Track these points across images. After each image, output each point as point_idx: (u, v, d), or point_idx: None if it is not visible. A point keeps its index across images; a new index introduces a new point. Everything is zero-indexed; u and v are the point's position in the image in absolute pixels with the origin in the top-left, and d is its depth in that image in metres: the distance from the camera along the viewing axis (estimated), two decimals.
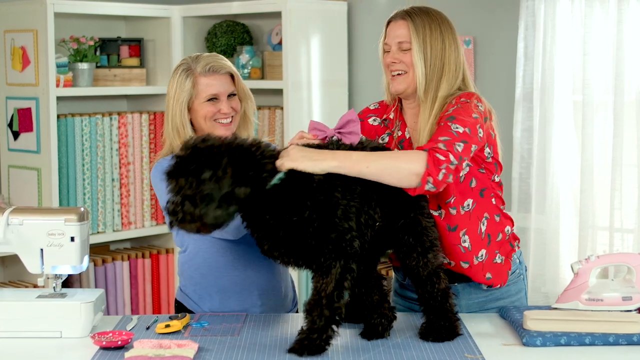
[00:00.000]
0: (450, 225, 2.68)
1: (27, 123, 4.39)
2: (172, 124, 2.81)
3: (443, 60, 2.67)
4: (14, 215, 2.58)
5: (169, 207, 2.33)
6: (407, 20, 2.68)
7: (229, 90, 2.81)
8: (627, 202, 3.82)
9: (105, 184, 4.61)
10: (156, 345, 2.37)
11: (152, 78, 4.90)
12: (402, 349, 2.42)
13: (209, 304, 2.84)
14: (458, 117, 2.57)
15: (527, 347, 2.42)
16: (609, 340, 2.42)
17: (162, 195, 2.78)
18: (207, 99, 2.78)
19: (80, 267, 2.62)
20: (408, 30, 2.68)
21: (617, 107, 3.78)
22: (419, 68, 2.66)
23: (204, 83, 2.78)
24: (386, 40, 2.73)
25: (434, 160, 2.46)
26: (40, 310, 2.55)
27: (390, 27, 2.73)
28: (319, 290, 2.37)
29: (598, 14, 3.82)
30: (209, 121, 2.79)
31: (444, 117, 2.60)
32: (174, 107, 2.80)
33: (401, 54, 2.69)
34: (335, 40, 4.64)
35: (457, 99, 2.65)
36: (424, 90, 2.67)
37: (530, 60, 3.99)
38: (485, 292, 2.78)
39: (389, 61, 2.71)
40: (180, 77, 2.79)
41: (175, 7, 4.80)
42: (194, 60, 2.81)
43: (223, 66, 2.81)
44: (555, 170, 3.97)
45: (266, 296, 2.84)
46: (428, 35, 2.67)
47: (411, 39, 2.67)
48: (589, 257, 2.68)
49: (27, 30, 4.33)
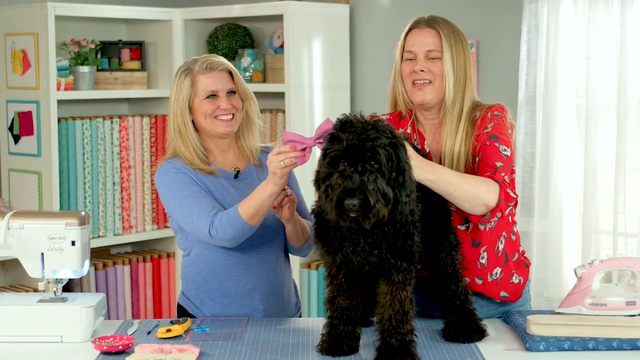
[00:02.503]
0: (475, 240, 2.68)
1: (27, 126, 4.39)
2: (174, 124, 2.81)
3: (466, 72, 2.67)
4: (14, 219, 2.59)
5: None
6: (436, 29, 2.66)
7: (228, 87, 2.81)
8: (631, 206, 3.81)
9: (106, 187, 4.61)
10: (157, 350, 2.37)
11: (153, 81, 4.90)
12: None
13: (211, 308, 2.83)
14: (500, 136, 2.61)
15: (530, 352, 2.41)
16: (613, 345, 2.41)
17: (167, 198, 2.78)
18: (205, 96, 2.78)
19: (81, 271, 2.62)
20: (438, 39, 2.65)
21: (620, 110, 3.78)
22: (450, 78, 2.63)
23: (202, 80, 2.79)
24: (410, 48, 2.68)
25: (506, 196, 2.52)
26: (41, 314, 2.54)
27: (414, 35, 2.68)
28: (403, 300, 2.33)
29: (601, 17, 3.82)
30: (209, 118, 2.79)
31: (484, 134, 2.61)
32: (175, 107, 2.81)
33: (429, 62, 2.65)
34: (337, 43, 4.64)
35: (491, 113, 2.65)
36: (452, 101, 2.65)
37: (533, 64, 3.99)
38: (495, 304, 2.78)
39: (417, 69, 2.65)
40: (180, 79, 2.81)
41: (177, 10, 4.80)
42: (193, 62, 2.83)
43: (220, 63, 2.83)
44: (558, 174, 3.96)
45: (268, 301, 2.83)
46: (453, 45, 2.66)
47: (442, 48, 2.64)
48: (592, 261, 2.69)
49: (28, 33, 4.33)
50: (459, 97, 2.65)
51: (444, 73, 2.64)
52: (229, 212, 2.66)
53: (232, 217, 2.64)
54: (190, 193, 2.73)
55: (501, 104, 2.70)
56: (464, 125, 2.65)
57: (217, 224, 2.66)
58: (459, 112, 2.65)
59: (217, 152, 2.86)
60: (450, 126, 2.65)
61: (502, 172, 2.55)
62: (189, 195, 2.73)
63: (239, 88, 2.84)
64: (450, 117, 2.65)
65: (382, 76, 4.54)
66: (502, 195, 2.51)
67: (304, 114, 4.53)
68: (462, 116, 2.65)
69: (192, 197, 2.72)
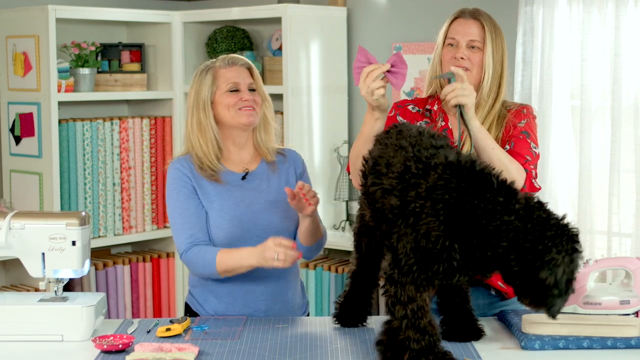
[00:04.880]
0: None
1: (28, 128, 4.41)
2: (194, 119, 2.83)
3: (502, 65, 2.79)
4: (15, 220, 2.59)
5: None
6: (480, 21, 2.77)
7: (249, 82, 2.85)
8: (625, 206, 3.82)
9: (106, 188, 4.63)
10: (157, 349, 2.37)
11: (152, 83, 4.92)
12: None
13: (214, 306, 2.84)
14: (531, 133, 2.74)
15: (526, 351, 2.42)
16: (607, 343, 2.42)
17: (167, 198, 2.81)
18: (228, 89, 2.82)
19: (81, 271, 2.63)
20: (482, 30, 2.76)
21: (614, 112, 3.79)
22: (490, 69, 2.75)
23: (224, 74, 2.83)
24: (453, 35, 2.78)
25: (530, 185, 2.65)
26: (41, 313, 2.55)
27: (458, 24, 2.79)
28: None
29: (596, 20, 3.83)
30: (232, 109, 2.81)
31: (518, 128, 2.73)
32: (195, 102, 2.83)
33: (470, 51, 2.76)
34: (335, 46, 4.65)
35: (526, 109, 2.79)
36: (488, 90, 2.76)
37: (528, 66, 4.01)
38: (492, 297, 2.80)
39: (458, 56, 2.75)
40: (200, 76, 2.85)
41: (176, 13, 4.82)
42: (214, 61, 2.88)
43: (241, 59, 2.89)
44: (553, 175, 3.98)
45: (270, 302, 2.84)
46: (494, 39, 2.78)
47: (485, 39, 2.76)
48: (587, 261, 2.68)
49: (29, 35, 4.34)
50: (494, 88, 2.77)
51: (484, 64, 2.75)
52: (207, 253, 2.71)
53: (208, 260, 2.71)
54: (181, 209, 2.78)
55: (531, 106, 2.86)
56: (495, 115, 2.77)
57: (191, 255, 2.73)
58: (492, 101, 2.77)
59: (234, 150, 2.87)
60: (482, 112, 2.76)
61: (531, 165, 2.68)
62: (179, 210, 2.78)
63: (258, 86, 2.88)
64: (484, 105, 2.76)
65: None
66: (528, 182, 2.63)
67: (302, 115, 4.55)
68: (495, 105, 2.77)
69: (180, 214, 2.78)
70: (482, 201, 2.12)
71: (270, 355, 2.40)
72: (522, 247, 2.07)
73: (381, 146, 2.41)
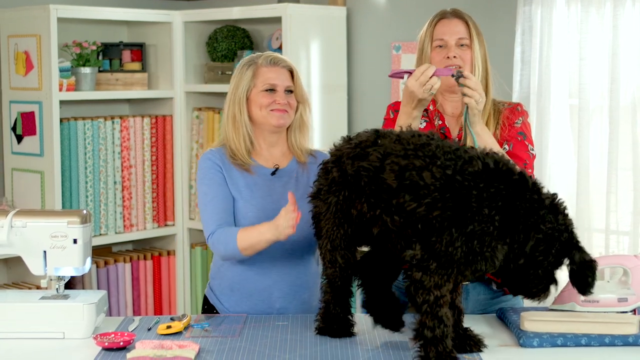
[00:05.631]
0: None
1: (30, 127, 4.42)
2: (230, 112, 2.86)
3: (486, 63, 2.85)
4: (17, 218, 2.61)
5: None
6: (464, 19, 2.82)
7: (287, 84, 2.87)
8: (623, 204, 3.83)
9: (107, 186, 4.64)
10: (157, 346, 2.38)
11: (153, 82, 4.93)
12: (400, 350, 2.44)
13: (229, 299, 2.86)
14: (527, 134, 2.80)
15: (524, 348, 2.43)
16: (605, 341, 2.44)
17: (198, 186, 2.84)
18: (264, 88, 2.84)
19: (82, 268, 2.65)
20: (467, 28, 2.81)
21: (612, 111, 3.80)
22: (479, 64, 2.79)
23: (263, 72, 2.85)
24: (440, 36, 2.81)
25: None
26: (43, 311, 2.56)
27: (443, 25, 2.82)
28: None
29: (594, 19, 3.83)
30: (264, 110, 2.83)
31: (515, 128, 2.79)
32: (233, 96, 2.86)
33: (460, 50, 2.80)
34: (334, 45, 4.66)
35: (520, 107, 2.85)
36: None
37: (527, 65, 4.01)
38: (493, 293, 2.81)
39: (450, 55, 2.79)
40: (242, 69, 2.88)
41: (177, 12, 4.83)
42: (258, 56, 2.90)
43: (284, 60, 2.91)
44: (551, 174, 3.98)
45: (286, 301, 2.85)
46: (478, 35, 2.84)
47: (471, 37, 2.80)
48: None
49: (31, 35, 4.36)
50: (483, 85, 2.79)
51: (474, 60, 2.79)
52: (229, 232, 2.73)
53: (229, 238, 2.72)
54: (212, 195, 2.81)
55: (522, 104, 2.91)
56: (489, 112, 2.80)
57: (216, 236, 2.75)
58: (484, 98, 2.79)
59: (264, 146, 2.89)
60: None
61: (530, 169, 2.73)
62: (209, 196, 2.81)
63: (297, 88, 2.90)
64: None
65: (379, 78, 4.59)
66: None
67: None
68: (487, 101, 2.79)
69: (211, 200, 2.80)
70: (524, 201, 2.27)
71: (270, 353, 2.41)
72: (552, 236, 2.29)
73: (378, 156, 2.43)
